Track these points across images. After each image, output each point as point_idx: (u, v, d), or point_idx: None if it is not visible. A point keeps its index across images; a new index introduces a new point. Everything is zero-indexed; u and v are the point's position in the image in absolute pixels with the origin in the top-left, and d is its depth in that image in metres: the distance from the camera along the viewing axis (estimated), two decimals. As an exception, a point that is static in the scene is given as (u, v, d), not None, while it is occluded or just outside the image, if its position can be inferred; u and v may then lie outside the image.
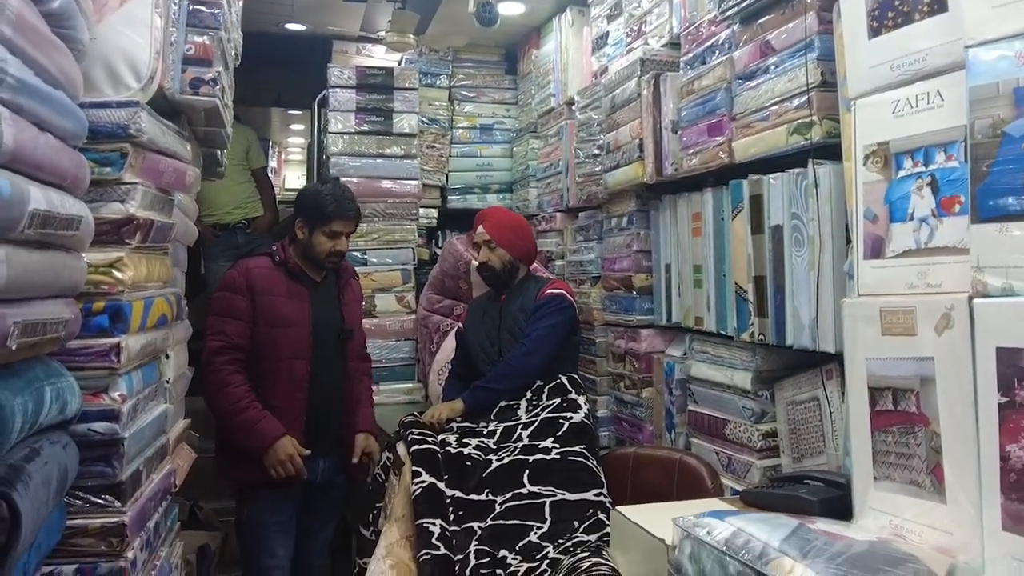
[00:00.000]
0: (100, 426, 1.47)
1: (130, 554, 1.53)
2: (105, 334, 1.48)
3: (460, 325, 3.24)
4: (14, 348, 1.02)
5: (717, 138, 2.37)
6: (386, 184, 4.05)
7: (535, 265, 3.43)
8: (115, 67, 1.53)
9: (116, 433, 1.49)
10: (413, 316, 4.03)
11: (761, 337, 2.21)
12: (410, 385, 3.99)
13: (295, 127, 8.29)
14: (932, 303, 1.53)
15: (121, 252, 1.51)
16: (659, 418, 2.83)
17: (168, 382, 1.93)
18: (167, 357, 1.94)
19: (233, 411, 2.57)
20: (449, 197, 4.63)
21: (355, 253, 3.96)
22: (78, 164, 1.24)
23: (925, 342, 1.54)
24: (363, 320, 3.86)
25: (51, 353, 1.33)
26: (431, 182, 4.50)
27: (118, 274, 1.48)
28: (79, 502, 1.48)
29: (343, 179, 3.94)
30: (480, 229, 3.03)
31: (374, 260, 4.01)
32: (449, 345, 3.59)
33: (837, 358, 1.92)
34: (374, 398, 3.07)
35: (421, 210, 4.28)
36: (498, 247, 2.99)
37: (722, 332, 2.45)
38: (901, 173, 1.65)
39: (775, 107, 2.10)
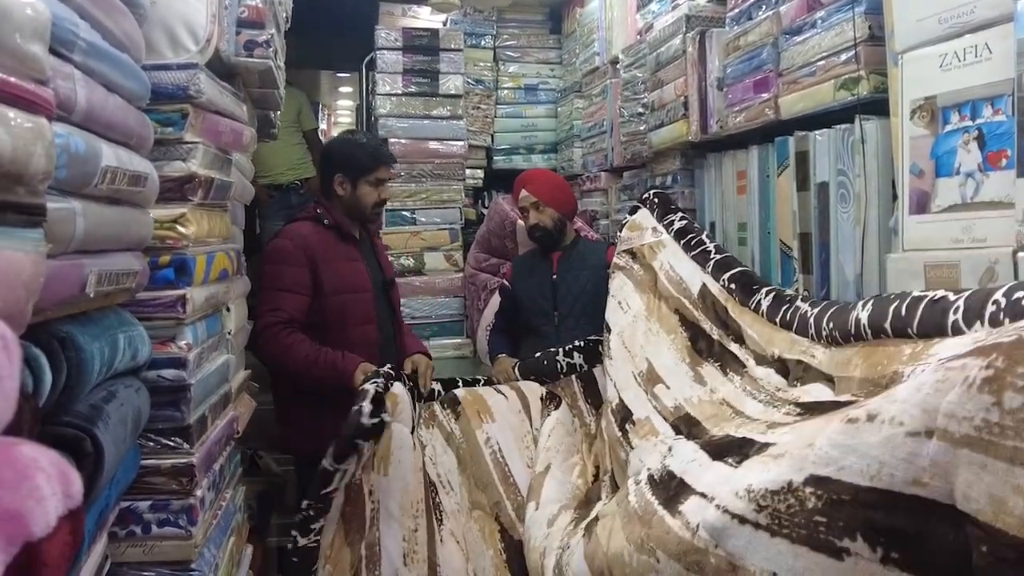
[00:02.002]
0: (169, 373, 1.56)
1: (198, 492, 1.63)
2: (171, 286, 1.56)
3: (504, 281, 3.27)
4: (91, 295, 1.10)
5: (763, 95, 2.35)
6: (433, 145, 4.10)
7: (579, 224, 3.47)
8: (174, 30, 1.60)
9: (183, 380, 1.58)
10: (461, 274, 4.10)
11: (805, 293, 2.22)
12: (459, 340, 4.07)
13: (344, 89, 8.37)
14: (976, 257, 1.54)
15: (184, 208, 1.58)
16: (703, 374, 2.86)
17: (230, 334, 2.02)
18: (228, 310, 2.03)
19: (310, 357, 2.49)
20: (495, 158, 4.66)
21: (404, 212, 4.04)
22: (143, 124, 1.31)
23: (969, 296, 1.55)
24: (413, 278, 3.98)
25: (122, 304, 1.42)
26: (477, 143, 4.53)
27: (182, 229, 1.56)
28: (151, 443, 1.58)
29: (391, 140, 4.02)
30: (524, 193, 3.02)
31: (423, 219, 4.07)
32: (496, 302, 3.66)
33: (881, 314, 1.93)
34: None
35: (467, 171, 4.32)
36: (546, 207, 3.00)
37: (766, 289, 2.46)
38: (948, 127, 1.65)
39: (822, 62, 2.08)
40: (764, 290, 1.96)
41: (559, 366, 2.75)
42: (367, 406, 2.12)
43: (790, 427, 1.41)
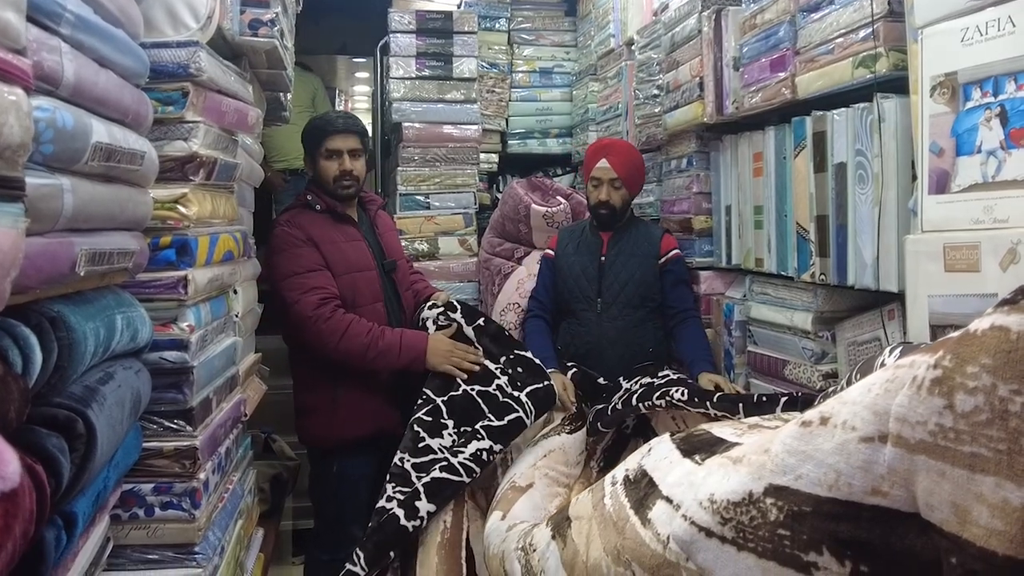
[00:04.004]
0: (171, 355, 1.55)
1: (202, 475, 1.62)
2: (172, 267, 1.55)
3: (549, 250, 3.08)
4: (82, 274, 1.08)
5: (780, 74, 2.30)
6: (447, 129, 4.05)
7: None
8: (174, 8, 1.58)
9: (186, 362, 1.57)
10: (475, 259, 4.07)
11: (822, 277, 2.17)
12: (473, 326, 4.04)
13: (361, 75, 8.34)
14: (997, 238, 1.49)
15: (185, 188, 1.57)
16: (718, 359, 2.82)
17: (237, 316, 2.01)
18: (235, 292, 2.02)
19: (373, 340, 2.48)
20: (509, 142, 4.61)
21: (418, 197, 4.01)
22: (139, 101, 1.29)
23: (989, 278, 1.51)
24: (428, 262, 3.95)
25: (122, 285, 1.41)
26: (491, 127, 4.48)
27: (183, 209, 1.55)
28: (154, 426, 1.57)
29: (405, 124, 3.99)
30: (605, 164, 2.82)
31: (436, 204, 4.04)
32: (510, 287, 3.62)
33: (899, 297, 1.88)
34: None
35: (481, 155, 4.27)
36: (623, 187, 2.83)
37: (782, 273, 2.41)
38: (969, 104, 1.59)
39: (840, 39, 2.03)
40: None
41: (626, 426, 2.52)
42: None
43: (759, 431, 1.38)
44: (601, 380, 2.63)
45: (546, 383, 2.49)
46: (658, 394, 2.27)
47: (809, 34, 2.15)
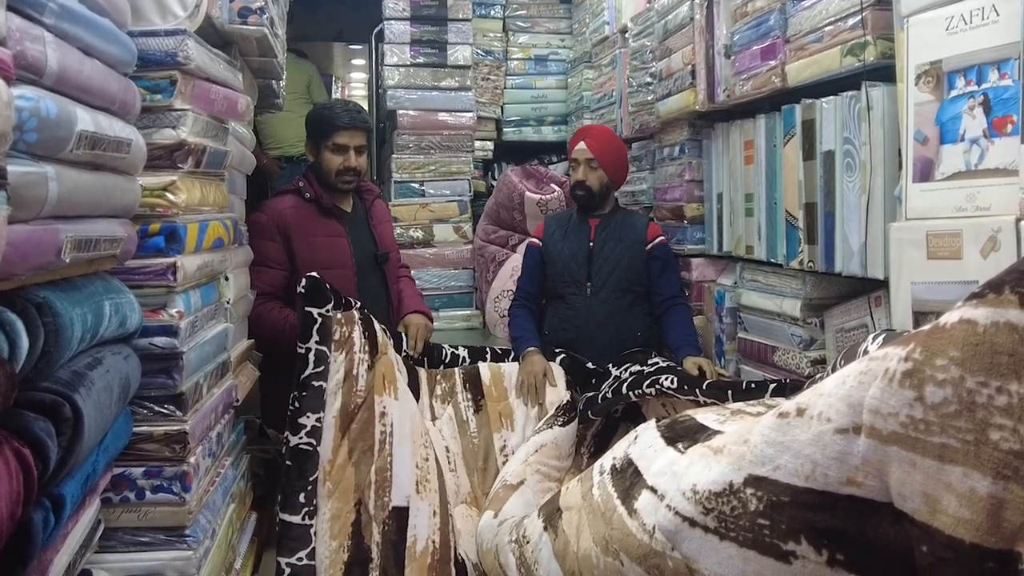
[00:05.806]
0: (160, 340, 1.56)
1: (192, 459, 1.63)
2: (161, 254, 1.55)
3: (534, 239, 3.03)
4: (68, 261, 1.09)
5: (770, 62, 2.31)
6: (442, 116, 4.06)
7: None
8: (162, -4, 1.58)
9: (175, 347, 1.57)
10: (470, 246, 4.09)
11: (810, 264, 2.19)
12: (468, 312, 4.07)
13: (357, 62, 8.31)
14: (978, 226, 1.51)
15: (174, 176, 1.57)
16: (709, 346, 2.84)
17: (228, 303, 2.02)
18: (227, 279, 2.03)
19: (277, 326, 2.48)
20: (504, 129, 4.62)
21: (413, 184, 4.02)
22: (126, 89, 1.30)
23: (970, 265, 1.52)
24: (423, 249, 3.96)
25: (112, 272, 1.42)
26: (486, 114, 4.49)
27: (172, 197, 1.55)
28: (144, 411, 1.58)
29: (400, 111, 3.99)
30: (582, 145, 2.85)
31: (431, 191, 4.05)
32: (505, 274, 3.64)
33: (886, 284, 1.90)
34: (434, 325, 3.00)
35: (476, 143, 4.28)
36: (599, 168, 2.84)
37: (772, 260, 2.43)
38: (953, 93, 1.60)
39: (829, 27, 2.04)
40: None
41: (616, 411, 2.54)
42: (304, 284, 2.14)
43: (741, 417, 1.40)
44: (590, 365, 2.64)
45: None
46: (648, 382, 2.29)
47: (799, 22, 2.16)
